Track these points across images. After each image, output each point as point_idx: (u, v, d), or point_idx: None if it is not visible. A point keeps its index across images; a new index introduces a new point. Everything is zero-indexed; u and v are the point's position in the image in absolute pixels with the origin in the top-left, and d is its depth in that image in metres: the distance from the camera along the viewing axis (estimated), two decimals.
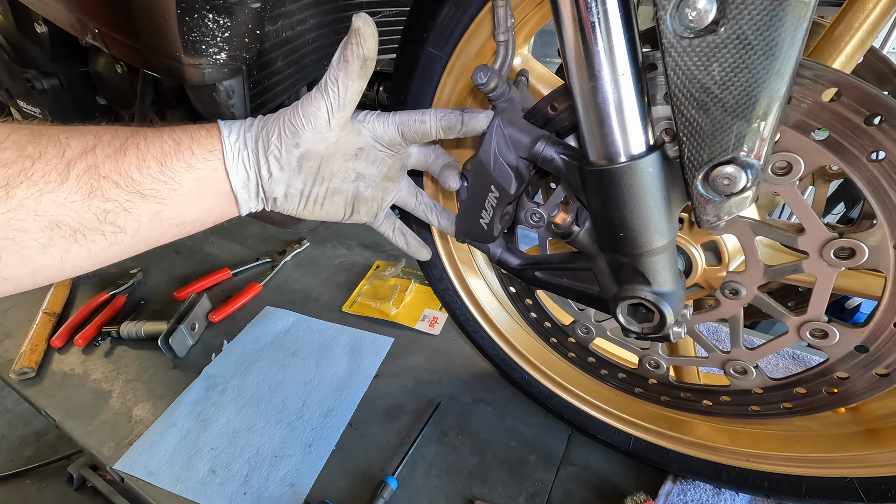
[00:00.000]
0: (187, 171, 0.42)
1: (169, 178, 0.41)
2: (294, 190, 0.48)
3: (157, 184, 0.41)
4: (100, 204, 0.38)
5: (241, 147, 0.45)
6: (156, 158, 0.41)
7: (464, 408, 0.92)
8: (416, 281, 1.21)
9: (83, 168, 0.38)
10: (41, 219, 0.36)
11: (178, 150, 0.42)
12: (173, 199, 0.42)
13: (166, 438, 0.86)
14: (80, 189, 0.37)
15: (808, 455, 0.61)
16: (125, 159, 0.39)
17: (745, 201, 0.41)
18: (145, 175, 0.40)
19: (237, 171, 0.45)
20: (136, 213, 0.40)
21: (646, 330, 0.51)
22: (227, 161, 0.44)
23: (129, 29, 0.62)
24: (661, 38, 0.36)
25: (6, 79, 1.00)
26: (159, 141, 0.42)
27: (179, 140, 0.42)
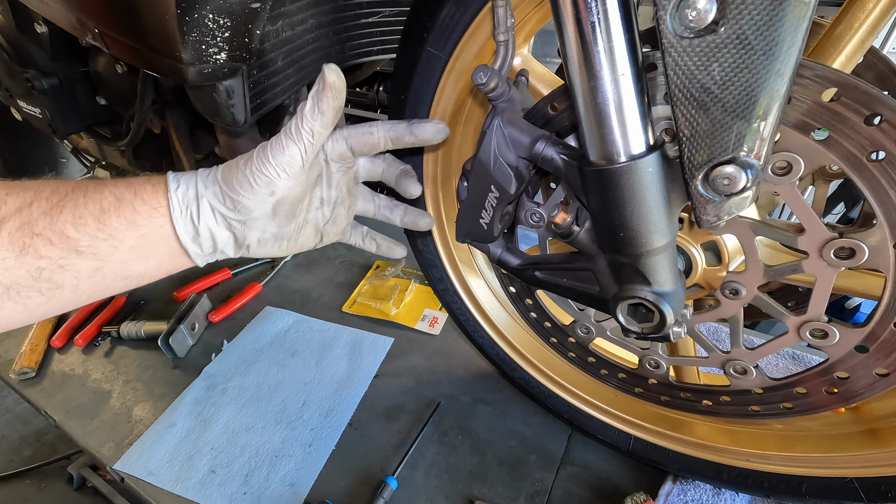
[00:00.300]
0: (129, 228, 0.41)
1: (108, 235, 0.40)
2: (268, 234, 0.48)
3: (94, 241, 0.40)
4: (33, 261, 0.38)
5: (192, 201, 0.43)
6: (93, 215, 0.40)
7: (464, 408, 0.92)
8: (416, 281, 1.21)
9: (16, 225, 0.37)
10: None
11: (119, 207, 0.41)
12: (114, 255, 0.41)
13: (166, 438, 0.86)
14: (12, 247, 0.37)
15: (808, 455, 0.61)
16: (61, 216, 0.39)
17: (745, 201, 0.41)
18: (81, 232, 0.39)
19: (185, 227, 0.43)
20: (73, 269, 0.39)
21: (646, 330, 0.51)
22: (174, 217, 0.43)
23: (130, 29, 0.62)
24: (661, 38, 0.36)
25: (6, 79, 1.00)
26: (99, 196, 0.41)
27: (122, 196, 0.41)
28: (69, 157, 1.70)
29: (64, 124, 0.98)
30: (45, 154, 1.70)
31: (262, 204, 0.45)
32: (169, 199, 0.42)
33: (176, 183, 0.43)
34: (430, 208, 0.78)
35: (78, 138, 1.29)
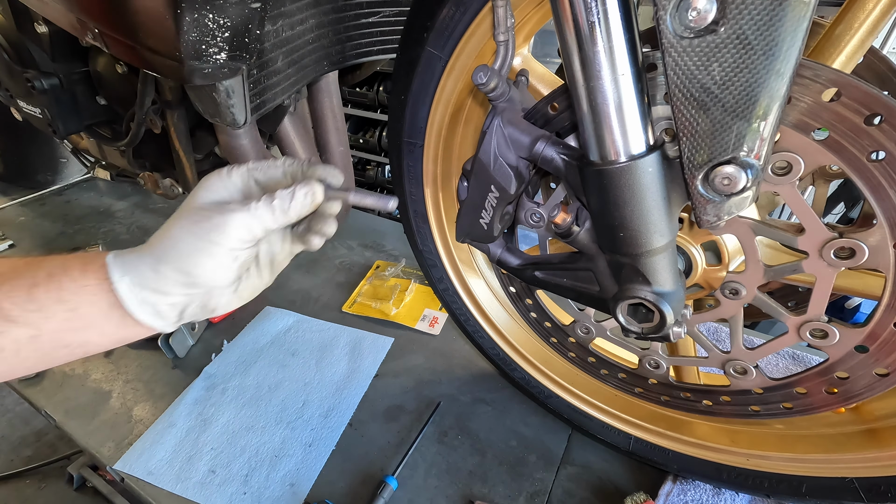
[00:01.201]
0: (56, 302, 0.43)
1: (37, 307, 0.43)
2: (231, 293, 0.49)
3: (25, 312, 0.42)
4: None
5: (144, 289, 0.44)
6: (25, 288, 0.43)
7: (464, 408, 0.92)
8: (416, 281, 1.21)
9: None
10: None
11: (49, 282, 0.43)
12: (47, 325, 0.43)
13: (166, 438, 0.86)
14: None
15: (808, 455, 0.61)
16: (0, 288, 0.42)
17: (745, 201, 0.41)
18: (13, 303, 0.42)
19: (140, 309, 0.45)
20: (11, 336, 0.42)
21: (646, 330, 0.51)
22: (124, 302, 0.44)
23: (130, 29, 0.62)
24: (661, 38, 0.36)
25: (6, 79, 1.00)
26: (35, 271, 0.44)
27: (52, 272, 0.44)
28: (69, 157, 1.71)
29: (64, 124, 0.98)
30: (45, 154, 1.71)
31: (226, 273, 0.46)
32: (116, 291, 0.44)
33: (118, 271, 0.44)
34: (430, 208, 0.78)
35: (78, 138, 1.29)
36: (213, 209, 0.45)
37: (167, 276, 0.44)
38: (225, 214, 0.44)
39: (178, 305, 0.46)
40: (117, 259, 0.45)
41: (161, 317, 0.46)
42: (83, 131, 1.06)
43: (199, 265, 0.44)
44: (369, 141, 2.91)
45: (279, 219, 0.46)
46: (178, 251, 0.44)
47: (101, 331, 0.45)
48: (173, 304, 0.46)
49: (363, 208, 0.49)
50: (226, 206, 0.45)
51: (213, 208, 0.46)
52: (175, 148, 0.92)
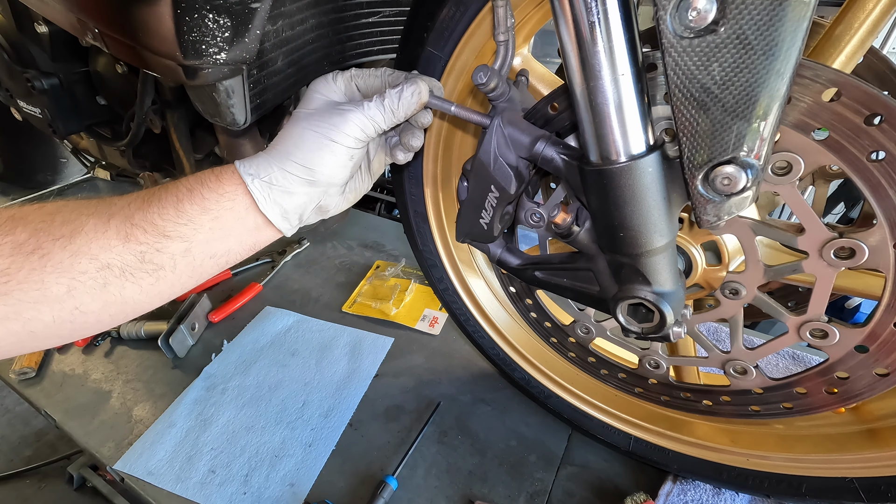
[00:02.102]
0: (202, 213, 0.47)
1: (186, 220, 0.47)
2: (343, 194, 0.54)
3: (176, 226, 0.46)
4: (135, 246, 0.45)
5: (274, 189, 0.48)
6: (172, 205, 0.47)
7: (464, 408, 0.92)
8: (416, 281, 1.21)
9: (120, 219, 0.45)
10: (94, 261, 0.44)
11: (191, 196, 0.47)
12: (196, 236, 0.47)
13: (166, 438, 0.86)
14: (118, 235, 0.45)
15: (808, 455, 0.61)
16: (150, 208, 0.46)
17: (745, 201, 0.41)
18: (166, 220, 0.46)
19: (272, 209, 0.49)
20: (168, 251, 0.46)
21: (646, 330, 0.51)
22: (259, 203, 0.48)
23: (129, 29, 0.61)
24: (661, 38, 0.36)
25: (6, 79, 1.00)
26: (175, 189, 0.48)
27: (192, 187, 0.48)
28: (69, 157, 1.71)
29: (64, 124, 0.98)
30: (45, 154, 1.70)
31: (343, 171, 0.50)
32: (250, 191, 0.48)
33: (249, 175, 0.48)
34: (430, 208, 0.78)
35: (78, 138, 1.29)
36: (330, 110, 0.49)
37: (293, 174, 0.48)
38: (343, 114, 0.48)
39: (300, 206, 0.50)
40: (245, 164, 0.49)
41: (286, 218, 0.50)
42: (83, 131, 1.06)
43: (322, 161, 0.48)
44: None
45: (388, 117, 0.49)
46: (301, 150, 0.48)
47: (238, 237, 0.50)
48: (297, 204, 0.50)
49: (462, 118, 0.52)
50: (340, 106, 0.49)
51: (328, 109, 0.49)
52: (175, 148, 0.92)
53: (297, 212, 0.50)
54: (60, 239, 0.43)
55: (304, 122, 0.49)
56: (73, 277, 0.43)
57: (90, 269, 0.43)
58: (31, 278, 0.41)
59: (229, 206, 0.48)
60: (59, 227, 0.43)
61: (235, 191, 0.48)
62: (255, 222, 0.49)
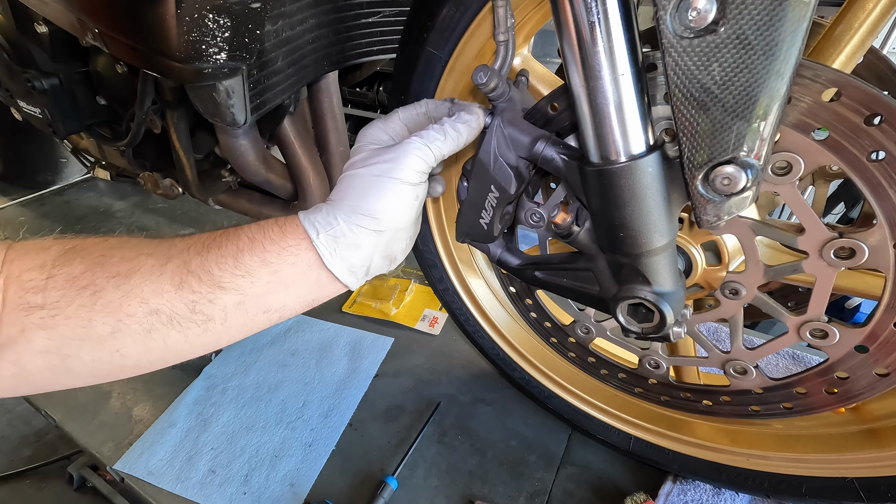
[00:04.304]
0: (261, 265, 0.45)
1: (245, 272, 0.44)
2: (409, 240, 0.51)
3: (234, 278, 0.44)
4: (188, 295, 0.43)
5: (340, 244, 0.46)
6: (232, 255, 0.44)
7: (464, 408, 0.92)
8: (416, 281, 1.21)
9: (177, 264, 0.43)
10: (144, 305, 0.42)
11: (252, 247, 0.45)
12: (252, 289, 0.45)
13: (166, 438, 0.86)
14: (172, 281, 0.43)
15: (808, 455, 0.61)
16: (209, 256, 0.44)
17: (745, 201, 0.41)
18: (223, 270, 0.44)
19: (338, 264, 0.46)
20: (221, 303, 0.44)
21: (646, 330, 0.51)
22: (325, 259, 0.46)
23: (129, 29, 0.62)
24: (661, 38, 0.36)
25: (6, 79, 1.00)
26: (236, 238, 0.45)
27: (254, 237, 0.45)
28: (69, 157, 1.71)
29: (64, 124, 0.98)
30: (45, 154, 1.71)
31: (409, 213, 0.47)
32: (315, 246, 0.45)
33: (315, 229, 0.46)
34: (430, 208, 0.78)
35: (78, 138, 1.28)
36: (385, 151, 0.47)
37: (360, 226, 0.46)
38: (399, 150, 0.46)
39: (367, 258, 0.48)
40: (310, 217, 0.46)
41: (353, 272, 0.48)
42: (83, 131, 1.05)
43: (387, 204, 0.45)
44: None
45: (453, 143, 0.47)
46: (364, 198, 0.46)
47: (297, 293, 0.47)
48: (364, 256, 0.47)
49: None
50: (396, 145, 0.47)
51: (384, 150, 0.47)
52: (175, 148, 0.92)
53: (363, 265, 0.48)
54: (115, 277, 0.41)
55: (360, 168, 0.47)
56: (119, 319, 0.41)
57: (138, 313, 0.42)
58: (79, 314, 0.40)
59: (291, 261, 0.46)
60: (116, 264, 0.42)
61: (299, 245, 0.46)
62: (319, 278, 0.47)
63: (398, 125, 0.51)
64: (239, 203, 1.10)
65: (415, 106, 0.52)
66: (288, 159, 0.95)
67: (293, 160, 0.94)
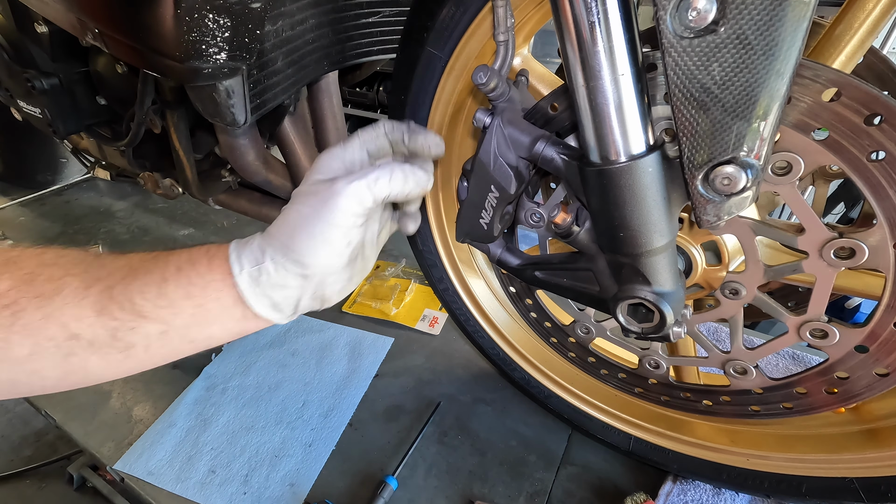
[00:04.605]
0: (185, 298, 0.43)
1: (167, 303, 0.43)
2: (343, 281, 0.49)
3: (156, 308, 0.42)
4: (109, 322, 0.41)
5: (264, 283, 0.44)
6: (156, 284, 0.43)
7: (464, 408, 0.92)
8: (416, 281, 1.21)
9: (101, 289, 0.41)
10: (64, 329, 0.40)
11: (178, 277, 0.43)
12: (175, 321, 0.43)
13: (166, 438, 0.86)
14: (94, 307, 0.41)
15: (808, 455, 0.61)
16: (133, 284, 0.42)
17: (745, 201, 0.41)
18: (146, 299, 0.42)
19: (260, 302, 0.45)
20: (143, 332, 0.43)
21: (646, 330, 0.51)
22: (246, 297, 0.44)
23: (129, 29, 0.62)
24: (661, 38, 0.36)
25: (6, 79, 1.00)
26: (164, 264, 0.44)
27: (181, 267, 0.44)
28: (69, 157, 1.71)
29: (64, 124, 0.98)
30: (45, 154, 1.70)
31: (338, 259, 0.45)
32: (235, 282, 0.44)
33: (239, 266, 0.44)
34: (430, 208, 0.78)
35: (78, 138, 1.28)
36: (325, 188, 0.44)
37: (285, 268, 0.44)
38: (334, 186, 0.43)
39: (294, 298, 0.46)
40: (238, 250, 0.45)
41: (278, 309, 0.46)
42: (83, 131, 1.05)
43: (314, 252, 0.43)
44: None
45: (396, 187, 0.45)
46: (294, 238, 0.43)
47: (223, 325, 0.46)
48: (289, 296, 0.45)
49: None
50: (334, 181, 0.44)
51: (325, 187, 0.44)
52: (175, 148, 0.92)
53: (290, 304, 0.46)
54: (38, 297, 0.40)
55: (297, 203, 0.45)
56: (37, 342, 0.40)
57: (58, 337, 0.40)
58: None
59: (216, 297, 0.44)
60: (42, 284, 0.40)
61: (224, 280, 0.44)
62: (244, 313, 0.45)
63: (357, 152, 0.48)
64: (239, 203, 1.10)
65: (374, 128, 0.50)
66: (288, 159, 0.95)
67: (293, 160, 0.94)
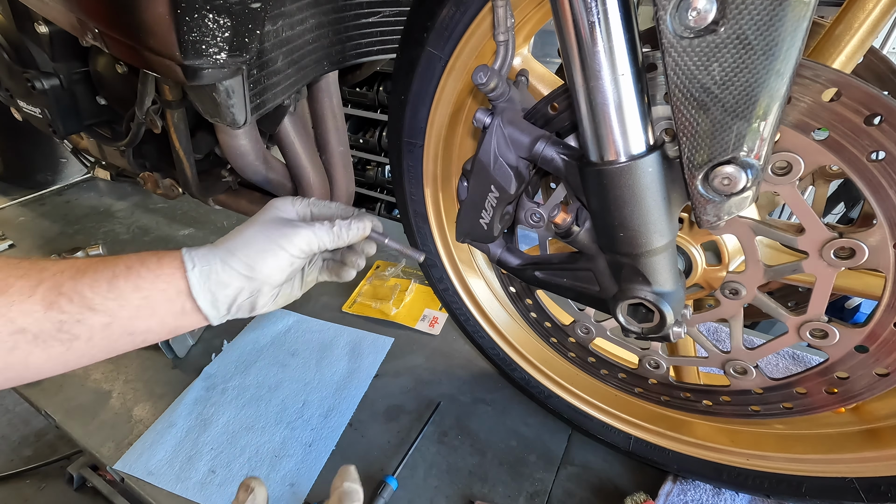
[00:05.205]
0: (134, 290, 0.48)
1: (116, 295, 0.47)
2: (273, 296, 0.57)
3: (105, 300, 0.47)
4: (56, 315, 0.45)
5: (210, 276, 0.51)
6: (106, 279, 0.48)
7: (464, 408, 0.92)
8: (416, 281, 1.21)
9: (49, 286, 0.45)
10: (10, 325, 0.43)
11: (128, 273, 0.48)
12: (121, 313, 0.48)
13: (166, 438, 0.86)
14: (43, 302, 0.44)
15: (808, 455, 0.61)
16: (83, 279, 0.47)
17: (745, 201, 0.41)
18: (95, 293, 0.47)
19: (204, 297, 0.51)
20: (88, 324, 0.46)
21: (646, 330, 0.51)
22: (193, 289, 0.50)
23: (129, 29, 0.61)
24: (661, 38, 0.36)
25: (6, 79, 1.00)
26: (113, 265, 0.49)
27: (131, 265, 0.49)
28: (69, 157, 1.71)
29: (64, 124, 0.98)
30: (45, 154, 1.70)
31: (280, 274, 0.54)
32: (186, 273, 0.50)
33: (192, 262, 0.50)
34: (430, 208, 0.78)
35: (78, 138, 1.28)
36: (284, 223, 0.55)
37: (233, 268, 0.51)
38: (295, 228, 0.54)
39: (231, 297, 0.52)
40: (190, 253, 0.51)
41: (215, 306, 0.52)
42: (83, 131, 1.05)
43: (264, 262, 0.52)
44: (369, 141, 2.90)
45: (335, 240, 0.56)
46: (248, 248, 0.52)
47: (162, 319, 0.51)
48: (229, 295, 0.52)
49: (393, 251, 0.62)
50: (294, 223, 0.55)
51: (283, 222, 0.55)
52: (175, 148, 0.92)
53: (226, 302, 0.52)
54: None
55: (257, 227, 0.54)
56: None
57: (2, 331, 0.43)
58: None
59: (163, 288, 0.49)
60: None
61: (173, 274, 0.50)
62: (183, 307, 0.51)
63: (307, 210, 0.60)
64: (239, 203, 1.10)
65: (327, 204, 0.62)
66: (288, 159, 0.95)
67: (293, 160, 0.94)
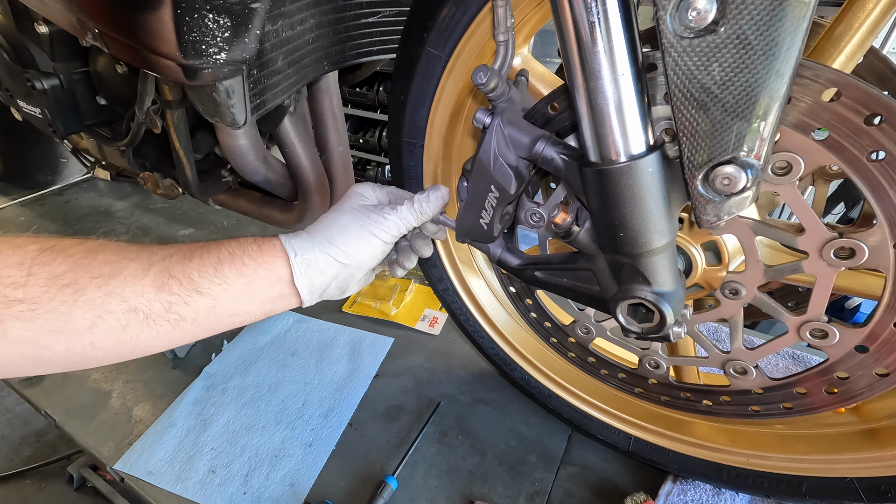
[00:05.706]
0: (238, 276, 0.52)
1: (221, 280, 0.51)
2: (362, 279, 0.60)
3: (211, 284, 0.50)
4: (167, 297, 0.48)
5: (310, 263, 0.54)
6: (212, 264, 0.51)
7: (464, 408, 0.92)
8: (416, 281, 1.21)
9: (160, 269, 0.49)
10: (124, 303, 0.46)
11: (232, 260, 0.52)
12: (225, 296, 0.51)
13: (166, 438, 0.86)
14: (154, 284, 0.48)
15: (808, 455, 0.61)
16: (190, 264, 0.50)
17: (745, 201, 0.41)
18: (203, 277, 0.50)
19: (304, 283, 0.54)
20: (195, 306, 0.50)
21: (646, 330, 0.51)
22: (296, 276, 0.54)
23: (129, 29, 0.62)
24: (661, 38, 0.36)
25: (6, 79, 1.00)
26: (217, 251, 0.52)
27: (234, 252, 0.52)
28: (69, 157, 1.71)
29: (64, 124, 0.98)
30: (45, 154, 1.70)
31: (373, 260, 0.57)
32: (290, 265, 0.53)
33: (294, 251, 0.54)
34: None
35: (78, 138, 1.29)
36: (371, 209, 0.57)
37: (332, 256, 0.55)
38: (383, 214, 0.57)
39: (326, 283, 0.56)
40: (290, 241, 0.55)
41: (312, 292, 0.55)
42: (83, 131, 1.05)
43: (360, 250, 0.56)
44: (369, 141, 2.91)
45: (418, 216, 0.58)
46: (344, 236, 0.55)
47: (261, 303, 0.54)
48: (324, 282, 0.56)
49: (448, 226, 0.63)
50: (381, 208, 0.58)
51: (370, 209, 0.57)
52: (175, 148, 0.92)
53: (322, 287, 0.56)
54: (98, 278, 0.45)
55: (348, 215, 0.57)
56: (99, 315, 0.45)
57: (117, 310, 0.46)
58: (59, 310, 0.43)
59: (265, 275, 0.53)
60: (98, 266, 0.46)
61: (275, 262, 0.53)
62: (282, 292, 0.54)
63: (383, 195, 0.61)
64: (239, 203, 1.10)
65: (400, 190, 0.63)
66: (288, 159, 0.95)
67: (293, 160, 0.94)
